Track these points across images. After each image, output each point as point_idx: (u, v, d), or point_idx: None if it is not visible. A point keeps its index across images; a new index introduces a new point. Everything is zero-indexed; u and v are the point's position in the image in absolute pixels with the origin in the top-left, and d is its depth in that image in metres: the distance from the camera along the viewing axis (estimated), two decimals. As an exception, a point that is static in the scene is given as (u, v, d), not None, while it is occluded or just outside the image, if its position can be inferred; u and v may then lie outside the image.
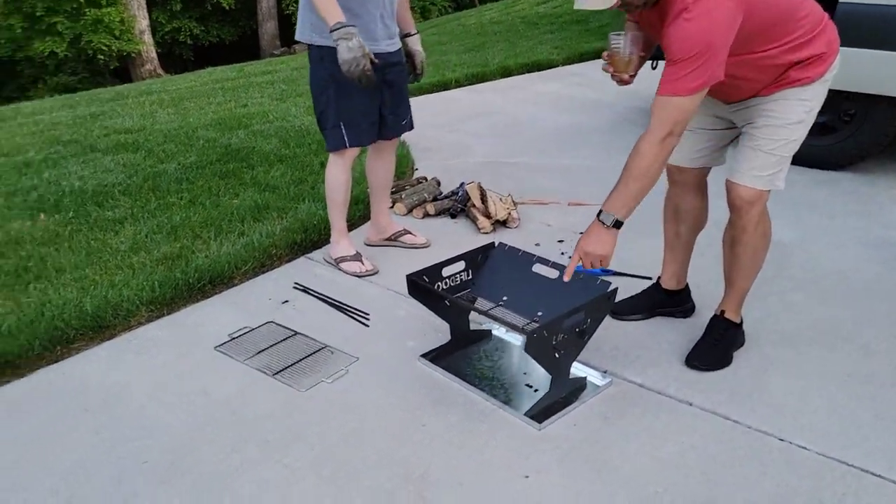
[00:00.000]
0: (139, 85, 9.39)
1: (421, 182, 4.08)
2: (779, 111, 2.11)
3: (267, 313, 2.75)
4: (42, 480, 1.93)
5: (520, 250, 2.49)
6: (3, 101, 13.75)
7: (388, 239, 3.29)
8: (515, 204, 3.70)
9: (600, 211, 2.06)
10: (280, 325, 2.66)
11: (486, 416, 2.14)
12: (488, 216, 3.52)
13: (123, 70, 16.71)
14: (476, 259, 2.49)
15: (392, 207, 3.72)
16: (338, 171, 2.92)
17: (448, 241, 3.34)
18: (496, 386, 2.27)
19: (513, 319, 2.36)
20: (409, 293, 2.33)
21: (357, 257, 3.04)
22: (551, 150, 4.76)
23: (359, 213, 3.58)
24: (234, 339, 2.58)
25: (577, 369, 2.31)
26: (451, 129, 5.33)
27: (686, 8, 1.85)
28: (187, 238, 3.29)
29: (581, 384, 2.26)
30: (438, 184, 4.07)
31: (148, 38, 16.36)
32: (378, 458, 1.97)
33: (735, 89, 2.13)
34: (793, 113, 2.10)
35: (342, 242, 3.06)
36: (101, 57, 15.74)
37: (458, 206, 3.72)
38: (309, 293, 2.91)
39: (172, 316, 2.76)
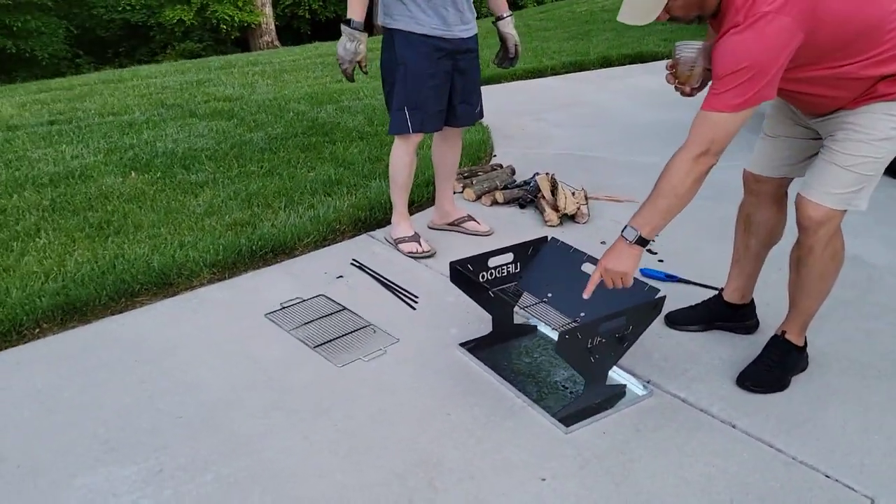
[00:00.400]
0: (248, 55, 9.78)
1: (495, 169, 4.04)
2: (862, 125, 1.94)
3: (321, 286, 2.80)
4: (87, 423, 2.05)
5: (571, 247, 2.42)
6: (135, 62, 14.69)
7: (451, 224, 3.28)
8: (588, 199, 3.60)
9: (625, 226, 1.96)
10: (330, 299, 2.71)
11: (514, 412, 2.10)
12: (556, 209, 3.44)
13: (244, 40, 17.43)
14: (526, 252, 2.43)
15: (461, 192, 3.70)
16: (401, 154, 2.92)
17: (512, 231, 3.29)
18: (530, 383, 2.22)
19: (554, 318, 2.30)
20: (451, 280, 2.31)
21: (415, 238, 3.05)
22: (637, 146, 4.59)
23: (427, 196, 3.58)
24: (284, 308, 2.65)
25: (617, 375, 2.23)
26: (537, 117, 5.24)
27: (737, 23, 1.74)
28: (259, 206, 3.40)
29: (619, 391, 2.18)
30: (513, 172, 4.01)
31: (269, 10, 16.98)
32: (397, 442, 1.98)
33: (816, 104, 1.98)
34: (878, 128, 1.93)
35: (402, 224, 3.08)
36: (224, 26, 16.48)
37: (528, 196, 3.66)
38: (364, 270, 2.94)
39: (232, 280, 2.86)
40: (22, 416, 2.06)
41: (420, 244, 3.02)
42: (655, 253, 3.10)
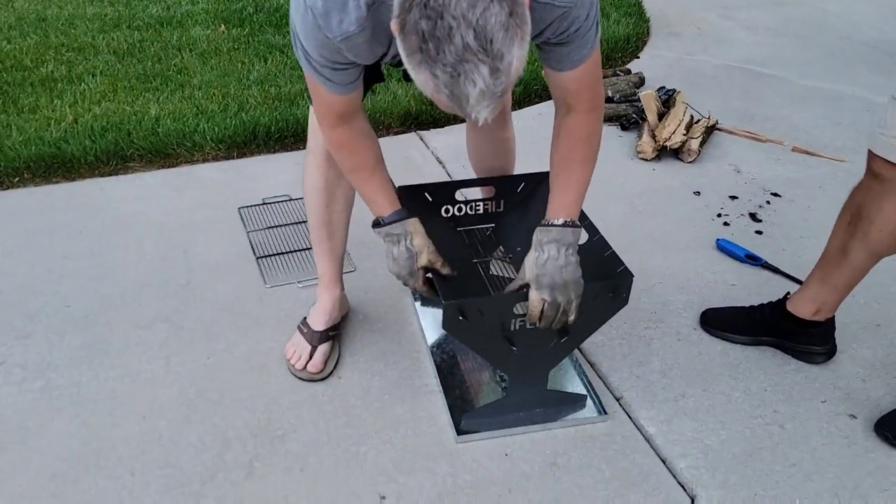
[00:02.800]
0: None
1: (618, 75, 3.28)
2: None
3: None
4: (37, 269, 1.96)
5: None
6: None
7: None
8: (713, 130, 2.79)
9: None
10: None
11: (416, 395, 1.64)
12: (654, 138, 2.68)
13: None
14: (514, 187, 1.82)
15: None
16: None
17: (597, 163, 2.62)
18: (458, 363, 1.72)
19: (504, 280, 1.74)
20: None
21: (312, 337, 1.74)
22: (844, 70, 3.48)
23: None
24: (265, 204, 2.33)
25: (581, 381, 1.66)
26: (725, 13, 4.22)
27: None
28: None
29: (570, 405, 1.61)
30: (640, 83, 3.23)
31: None
32: (238, 398, 1.62)
33: None
34: None
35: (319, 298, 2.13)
36: None
37: (633, 116, 2.91)
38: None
39: (238, 161, 2.58)
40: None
41: (310, 356, 1.67)
42: (760, 220, 2.30)
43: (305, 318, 1.73)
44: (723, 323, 1.83)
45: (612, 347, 1.78)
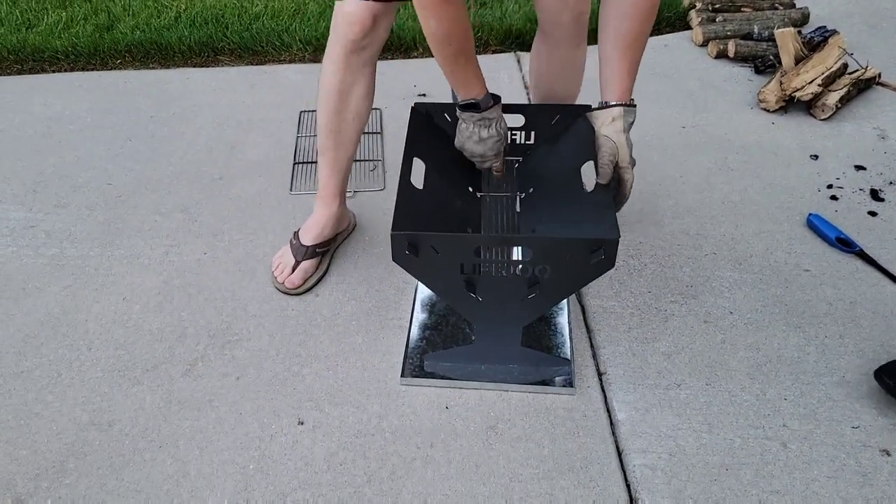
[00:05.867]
0: None
1: (777, 8, 2.79)
2: None
3: (392, 99, 2.33)
4: (99, 146, 2.09)
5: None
6: None
7: None
8: (869, 84, 2.31)
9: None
10: (381, 117, 2.25)
11: (383, 328, 1.54)
12: (782, 86, 2.26)
13: None
14: (548, 119, 1.60)
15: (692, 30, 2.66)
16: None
17: (706, 109, 2.30)
18: (436, 300, 1.60)
19: (500, 219, 1.55)
20: (410, 126, 1.65)
21: (299, 251, 1.70)
22: None
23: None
24: (328, 109, 2.28)
25: (564, 347, 1.48)
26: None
27: None
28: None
29: (547, 368, 1.44)
30: (802, 20, 2.74)
31: None
32: (214, 296, 1.61)
33: None
34: None
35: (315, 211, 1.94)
36: None
37: (771, 58, 2.47)
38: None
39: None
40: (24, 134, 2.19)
41: (292, 269, 1.62)
42: (882, 200, 1.89)
43: (298, 229, 1.68)
44: None
45: (621, 316, 1.56)
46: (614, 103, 1.30)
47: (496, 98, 1.39)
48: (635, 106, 1.32)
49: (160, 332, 1.53)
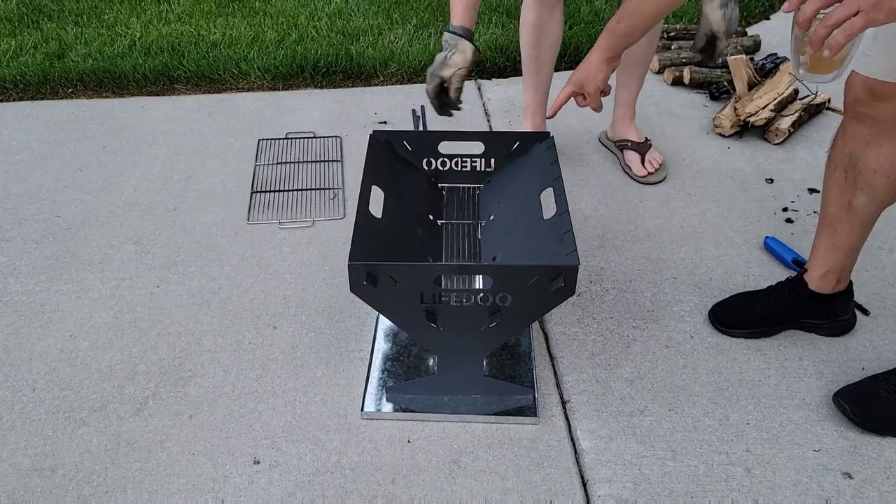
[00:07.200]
0: None
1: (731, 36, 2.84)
2: None
3: (353, 126, 2.32)
4: (48, 177, 2.03)
5: (555, 157, 1.52)
6: None
7: (617, 143, 2.17)
8: (819, 109, 2.36)
9: None
10: (341, 144, 2.23)
11: (340, 360, 1.50)
12: (736, 111, 2.30)
13: None
14: (507, 146, 1.59)
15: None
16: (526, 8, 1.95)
17: (663, 128, 2.32)
18: (398, 331, 1.56)
19: (461, 247, 1.54)
20: (368, 154, 1.62)
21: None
22: None
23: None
24: (287, 138, 2.26)
25: (527, 375, 1.46)
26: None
27: None
28: (396, 17, 2.90)
29: (510, 397, 1.41)
30: (753, 48, 2.80)
31: None
32: (180, 327, 1.56)
33: None
34: None
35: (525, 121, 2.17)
36: None
37: (725, 84, 2.52)
38: (419, 125, 2.35)
39: (280, 93, 2.51)
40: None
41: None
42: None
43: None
44: (736, 320, 1.54)
45: (583, 342, 1.55)
46: None
47: (464, 33, 1.56)
48: None
49: (109, 369, 1.47)
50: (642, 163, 2.08)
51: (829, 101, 2.42)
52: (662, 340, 1.55)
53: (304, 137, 2.25)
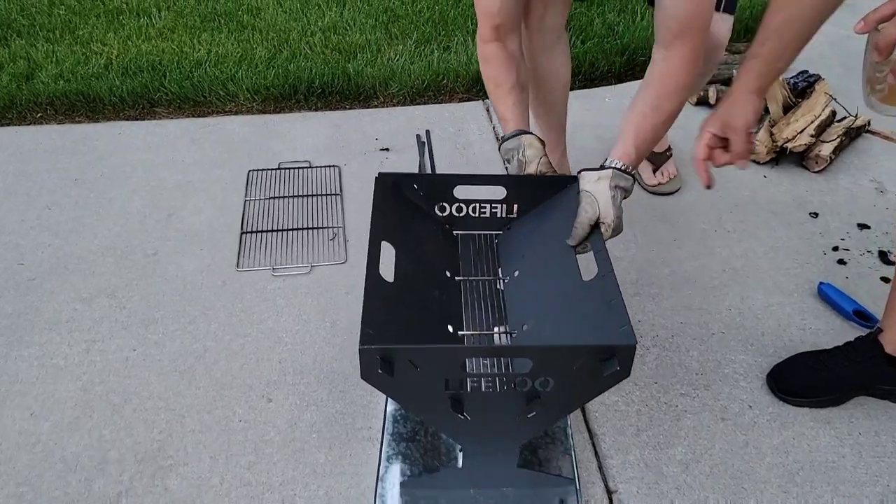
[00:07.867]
0: None
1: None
2: None
3: (353, 154, 2.11)
4: (11, 217, 1.81)
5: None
6: None
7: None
8: (859, 132, 2.17)
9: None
10: (340, 175, 2.02)
11: (347, 442, 1.29)
12: (773, 137, 2.11)
13: None
14: (533, 191, 1.39)
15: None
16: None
17: (687, 160, 2.12)
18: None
19: (483, 316, 1.33)
20: (375, 198, 1.42)
21: None
22: None
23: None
24: (280, 169, 2.05)
25: (565, 461, 1.25)
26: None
27: None
28: (395, 31, 2.69)
29: (547, 489, 1.21)
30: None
31: None
32: (159, 401, 1.34)
33: None
34: None
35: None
36: None
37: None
38: (425, 151, 2.14)
39: (271, 116, 2.30)
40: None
41: None
42: (893, 264, 1.72)
43: None
44: (800, 385, 1.34)
45: (626, 414, 1.34)
46: (607, 164, 1.20)
47: (521, 130, 1.40)
48: (632, 176, 1.20)
49: (75, 458, 1.25)
50: (654, 172, 1.96)
51: (868, 122, 2.23)
52: (717, 411, 1.35)
53: (298, 167, 2.04)
